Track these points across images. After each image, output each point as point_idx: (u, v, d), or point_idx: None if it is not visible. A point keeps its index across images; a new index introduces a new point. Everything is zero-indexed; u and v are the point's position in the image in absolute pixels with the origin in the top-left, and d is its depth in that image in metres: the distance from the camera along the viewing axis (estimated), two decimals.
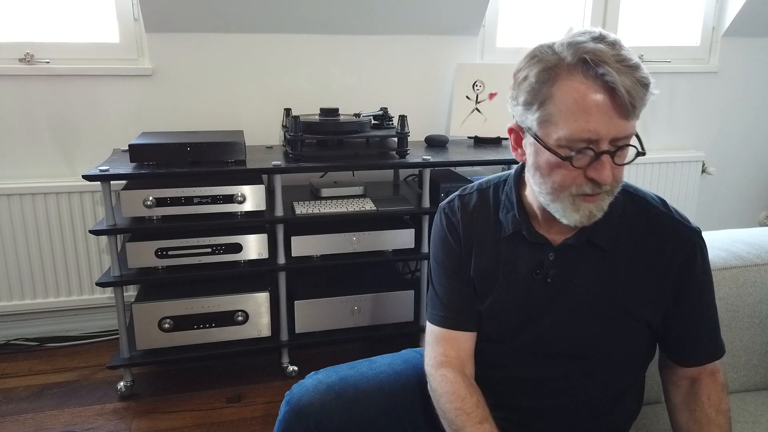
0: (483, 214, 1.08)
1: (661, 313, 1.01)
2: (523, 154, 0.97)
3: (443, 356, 1.06)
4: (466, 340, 1.08)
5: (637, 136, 0.90)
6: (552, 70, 0.86)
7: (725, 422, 1.00)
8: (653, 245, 0.99)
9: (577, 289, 1.00)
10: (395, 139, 2.07)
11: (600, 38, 0.85)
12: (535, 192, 0.97)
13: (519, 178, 1.05)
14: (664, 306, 1.00)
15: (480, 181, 1.14)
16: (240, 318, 1.94)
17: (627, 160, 0.90)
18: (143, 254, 1.84)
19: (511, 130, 0.97)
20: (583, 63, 0.84)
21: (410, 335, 2.14)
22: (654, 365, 1.29)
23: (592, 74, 0.83)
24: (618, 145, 0.87)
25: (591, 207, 0.91)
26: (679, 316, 1.01)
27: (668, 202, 1.05)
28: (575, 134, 0.85)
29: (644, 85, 0.84)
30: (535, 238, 1.02)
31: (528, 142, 0.94)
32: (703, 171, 2.86)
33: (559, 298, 1.01)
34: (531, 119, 0.90)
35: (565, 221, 0.93)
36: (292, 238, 1.96)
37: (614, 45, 0.85)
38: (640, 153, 0.91)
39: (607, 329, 1.00)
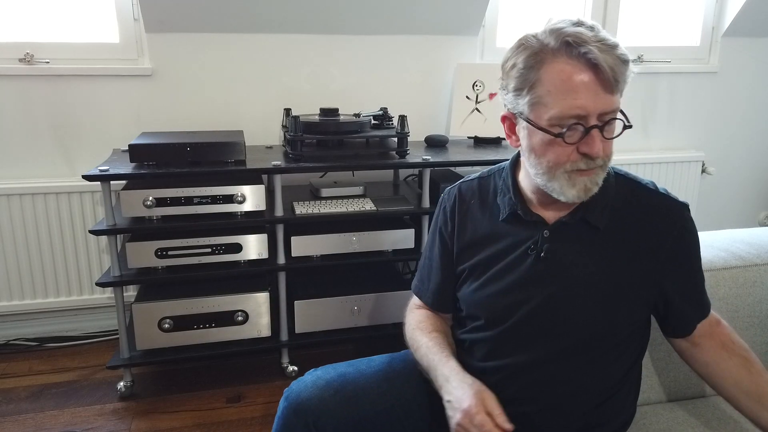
0: (481, 199, 1.15)
1: (656, 288, 1.03)
2: (517, 140, 1.02)
3: (416, 305, 1.26)
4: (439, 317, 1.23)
5: (622, 112, 0.95)
6: (538, 55, 0.93)
7: (754, 357, 1.06)
8: (645, 222, 1.03)
9: (572, 266, 1.03)
10: (395, 139, 2.06)
11: (579, 23, 0.93)
12: (531, 174, 1.01)
13: (515, 164, 1.11)
14: (659, 280, 1.03)
15: (483, 171, 1.21)
16: (240, 318, 1.94)
17: (615, 133, 0.95)
18: (143, 254, 1.84)
19: (504, 118, 1.03)
20: (566, 45, 0.90)
21: None
22: (648, 364, 1.29)
23: (576, 54, 0.90)
24: (605, 120, 0.93)
25: (586, 180, 0.97)
26: (677, 289, 1.04)
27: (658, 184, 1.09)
28: (565, 112, 0.91)
29: (624, 61, 0.90)
30: (530, 217, 1.06)
31: (521, 126, 1.00)
32: (703, 171, 2.86)
33: (553, 275, 1.03)
34: (522, 104, 0.96)
35: (563, 198, 0.98)
36: (292, 238, 1.96)
37: (593, 28, 0.92)
38: (627, 126, 0.95)
39: (601, 307, 1.02)
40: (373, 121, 2.20)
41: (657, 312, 1.08)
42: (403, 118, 2.03)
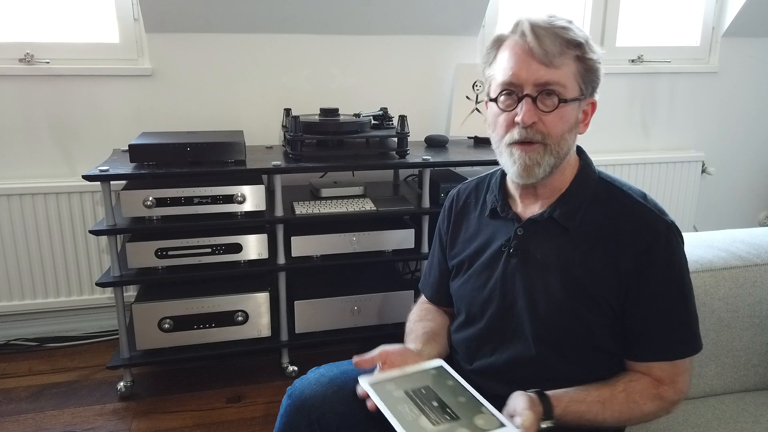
0: (476, 198, 1.20)
1: (621, 299, 1.00)
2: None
3: (422, 300, 1.33)
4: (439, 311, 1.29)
5: (578, 95, 0.99)
6: (499, 39, 1.03)
7: (624, 401, 0.98)
8: (619, 230, 1.01)
9: (539, 264, 1.04)
10: (395, 139, 2.06)
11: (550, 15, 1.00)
12: (497, 158, 1.07)
13: None
14: (623, 292, 1.00)
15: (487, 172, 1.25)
16: (240, 318, 1.94)
17: (551, 107, 0.98)
18: (143, 254, 1.84)
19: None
20: (515, 26, 1.00)
21: None
22: None
23: (517, 31, 0.99)
24: (540, 91, 0.97)
25: (524, 156, 1.00)
26: (636, 306, 1.00)
27: (650, 196, 1.06)
28: (503, 79, 1.00)
29: (560, 37, 0.96)
30: (507, 214, 1.10)
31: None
32: (703, 171, 2.86)
33: (521, 272, 1.05)
34: (486, 81, 1.06)
35: (510, 175, 1.05)
36: (292, 238, 1.96)
37: (550, 18, 0.99)
38: (562, 100, 0.97)
39: (565, 308, 1.01)
40: (373, 121, 2.20)
41: (621, 325, 1.03)
42: (403, 118, 2.03)
